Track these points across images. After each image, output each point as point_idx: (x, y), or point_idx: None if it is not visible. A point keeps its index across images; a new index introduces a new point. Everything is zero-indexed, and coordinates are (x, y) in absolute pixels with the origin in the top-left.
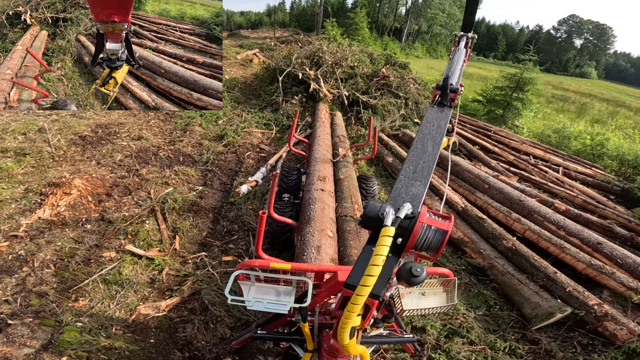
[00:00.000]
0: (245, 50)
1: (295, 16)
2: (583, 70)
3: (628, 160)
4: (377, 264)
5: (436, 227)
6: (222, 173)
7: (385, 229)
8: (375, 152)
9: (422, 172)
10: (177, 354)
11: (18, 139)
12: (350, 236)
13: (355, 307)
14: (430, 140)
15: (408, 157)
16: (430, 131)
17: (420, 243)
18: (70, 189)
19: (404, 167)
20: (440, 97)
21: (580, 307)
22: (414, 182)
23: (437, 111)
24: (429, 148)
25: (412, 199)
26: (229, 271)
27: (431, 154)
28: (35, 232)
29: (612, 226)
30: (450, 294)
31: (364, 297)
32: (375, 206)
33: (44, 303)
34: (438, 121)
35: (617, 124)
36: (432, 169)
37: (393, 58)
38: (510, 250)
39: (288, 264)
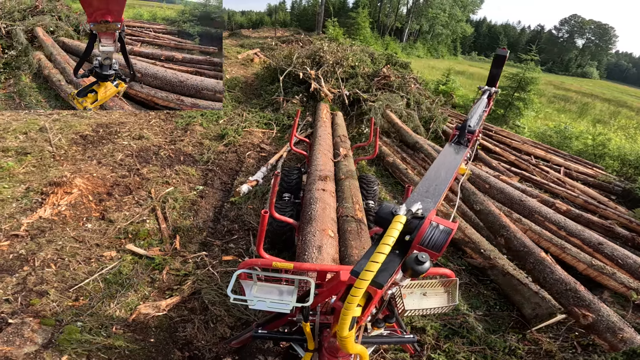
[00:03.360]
0: (246, 50)
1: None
2: (585, 70)
3: (629, 161)
4: (383, 251)
5: (443, 225)
6: (223, 172)
7: (397, 217)
8: (377, 152)
9: (434, 192)
10: (177, 354)
11: (19, 138)
12: (351, 236)
13: (358, 290)
14: (444, 169)
15: (423, 178)
16: (445, 162)
17: (426, 240)
18: (71, 188)
19: (418, 187)
20: (458, 136)
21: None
22: (425, 199)
23: (454, 149)
24: (442, 174)
25: (423, 211)
26: (229, 271)
27: (444, 179)
28: (36, 232)
29: (613, 226)
30: (451, 295)
31: (367, 281)
32: (388, 206)
33: (44, 302)
34: (452, 156)
35: (619, 124)
36: (443, 191)
37: (394, 58)
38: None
39: (290, 264)
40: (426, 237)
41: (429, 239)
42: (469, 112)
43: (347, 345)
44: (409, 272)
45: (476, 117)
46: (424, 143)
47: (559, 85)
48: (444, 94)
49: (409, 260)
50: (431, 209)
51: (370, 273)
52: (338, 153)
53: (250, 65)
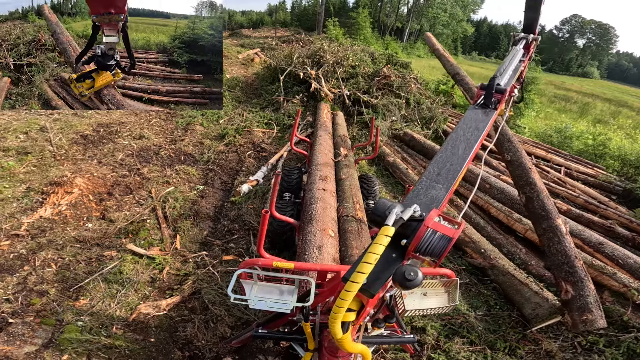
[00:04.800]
0: (246, 50)
1: (296, 15)
2: (585, 70)
3: (630, 161)
4: (369, 261)
5: (442, 232)
6: (223, 172)
7: (385, 229)
8: (377, 152)
9: (446, 176)
10: (177, 353)
11: (20, 138)
12: (351, 236)
13: (343, 302)
14: (464, 142)
15: (435, 157)
16: (465, 133)
17: (423, 247)
18: (71, 188)
19: (428, 168)
20: (484, 97)
21: None
22: (436, 185)
23: (479, 113)
24: (460, 151)
25: (430, 201)
26: (229, 270)
27: (461, 157)
28: (36, 231)
29: (613, 226)
30: (451, 295)
31: (352, 292)
32: (384, 204)
33: (44, 302)
34: (477, 123)
35: (619, 124)
36: (458, 173)
37: (394, 58)
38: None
39: (291, 263)
40: (423, 243)
41: (425, 245)
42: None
43: (345, 346)
44: (398, 285)
45: (509, 72)
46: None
47: (559, 85)
48: (444, 94)
49: (397, 273)
50: (441, 199)
51: (356, 285)
52: (339, 153)
53: (251, 65)
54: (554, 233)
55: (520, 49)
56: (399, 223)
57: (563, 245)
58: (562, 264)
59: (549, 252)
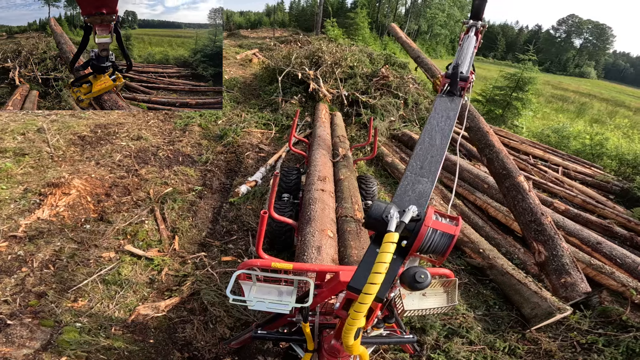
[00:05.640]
0: (244, 50)
1: (294, 16)
2: (582, 70)
3: (627, 160)
4: (380, 271)
5: (443, 231)
6: (222, 173)
7: (389, 235)
8: (376, 152)
9: (429, 168)
10: (176, 354)
11: (17, 139)
12: (350, 237)
13: (359, 314)
14: (439, 132)
15: (415, 151)
16: (439, 122)
17: (426, 247)
18: (69, 189)
19: (411, 162)
20: (449, 85)
21: None
22: (421, 179)
23: (446, 101)
24: (437, 141)
25: (418, 197)
26: (228, 271)
27: (439, 148)
28: (34, 233)
29: (611, 226)
30: (450, 295)
31: (366, 304)
32: (379, 207)
33: (43, 303)
34: (447, 112)
35: (617, 124)
36: (440, 164)
37: (393, 58)
38: None
39: (290, 264)
40: (425, 243)
41: (428, 245)
42: (457, 54)
43: (353, 351)
44: (407, 287)
45: (468, 60)
46: None
47: (557, 85)
48: None
49: (407, 276)
50: (428, 193)
51: (370, 296)
52: (337, 153)
53: (249, 65)
54: (517, 190)
55: (472, 37)
56: (402, 227)
57: (527, 202)
58: (530, 222)
59: (516, 211)
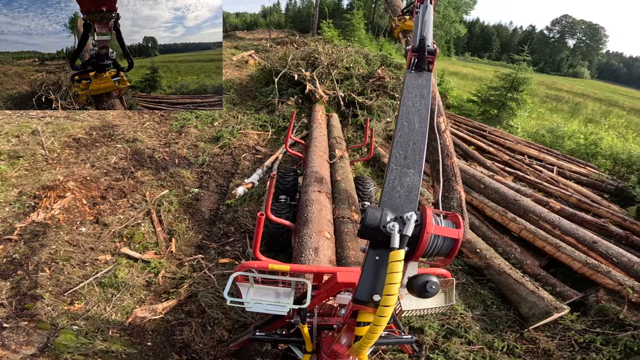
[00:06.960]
0: (240, 52)
1: (290, 17)
2: (576, 70)
3: (621, 159)
4: (392, 293)
5: (445, 235)
6: (218, 175)
7: (395, 254)
8: (372, 153)
9: (413, 157)
10: (174, 357)
11: (11, 142)
12: (347, 238)
13: (374, 335)
14: (416, 114)
15: (395, 138)
16: (414, 103)
17: (430, 252)
18: (64, 191)
19: (393, 153)
20: (417, 60)
21: None
22: (407, 171)
23: (416, 77)
24: (416, 125)
25: (408, 191)
26: (225, 273)
27: (419, 133)
28: (29, 236)
29: (606, 225)
30: (448, 295)
31: (382, 327)
32: (374, 215)
33: (39, 306)
34: (420, 89)
35: (611, 124)
36: (423, 150)
37: (389, 59)
38: None
39: (287, 266)
40: (428, 249)
41: (431, 250)
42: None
43: (363, 357)
44: (414, 294)
45: (431, 31)
46: None
47: (551, 85)
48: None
49: (417, 284)
50: (417, 186)
51: (385, 319)
52: (334, 154)
53: (245, 67)
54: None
55: (430, 5)
56: (405, 241)
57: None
58: (435, 162)
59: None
